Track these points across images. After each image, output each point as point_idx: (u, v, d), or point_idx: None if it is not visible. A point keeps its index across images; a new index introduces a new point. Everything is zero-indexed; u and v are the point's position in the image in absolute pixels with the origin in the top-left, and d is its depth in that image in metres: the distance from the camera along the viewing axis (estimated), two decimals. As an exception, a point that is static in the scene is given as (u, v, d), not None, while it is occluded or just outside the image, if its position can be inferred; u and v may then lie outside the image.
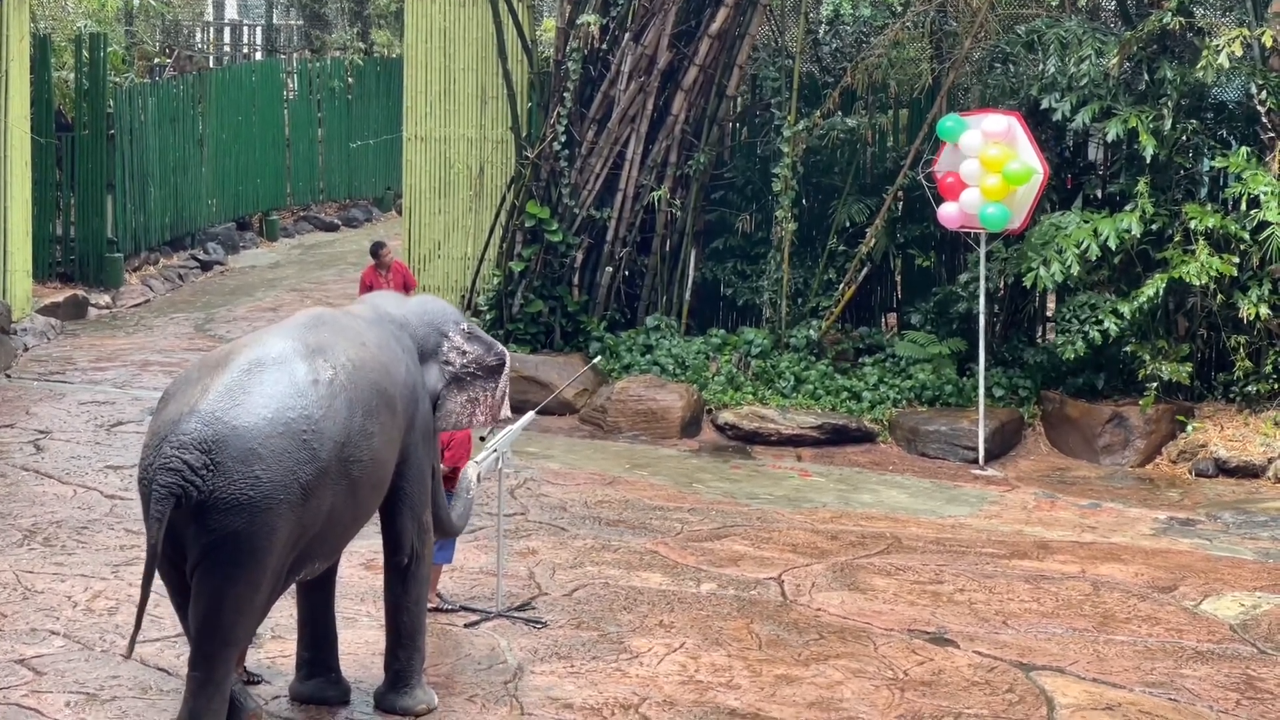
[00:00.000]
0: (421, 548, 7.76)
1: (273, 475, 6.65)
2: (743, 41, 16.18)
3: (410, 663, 7.80)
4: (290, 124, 25.92)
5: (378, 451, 7.11)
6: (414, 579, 7.77)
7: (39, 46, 19.09)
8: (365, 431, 7.02)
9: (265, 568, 6.76)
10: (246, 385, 6.81)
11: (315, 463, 6.78)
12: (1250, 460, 13.75)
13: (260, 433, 6.67)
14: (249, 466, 6.61)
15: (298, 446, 6.74)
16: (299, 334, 7.20)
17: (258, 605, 6.88)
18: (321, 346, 7.12)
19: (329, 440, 6.84)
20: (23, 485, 12.07)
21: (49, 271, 19.54)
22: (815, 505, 12.65)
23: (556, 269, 16.14)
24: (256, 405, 6.73)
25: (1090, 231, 14.14)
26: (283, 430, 6.72)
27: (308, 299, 20.54)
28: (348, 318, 7.59)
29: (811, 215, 16.78)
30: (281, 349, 7.04)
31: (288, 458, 6.70)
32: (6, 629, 8.91)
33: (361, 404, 7.05)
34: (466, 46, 17.21)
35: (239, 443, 6.63)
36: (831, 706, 8.24)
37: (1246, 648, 9.44)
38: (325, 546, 7.18)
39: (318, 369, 6.98)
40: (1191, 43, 14.64)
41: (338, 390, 6.97)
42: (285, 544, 6.81)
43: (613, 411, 14.82)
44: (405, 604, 7.76)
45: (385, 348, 7.49)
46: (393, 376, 7.38)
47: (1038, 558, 11.19)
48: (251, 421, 6.68)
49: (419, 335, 7.86)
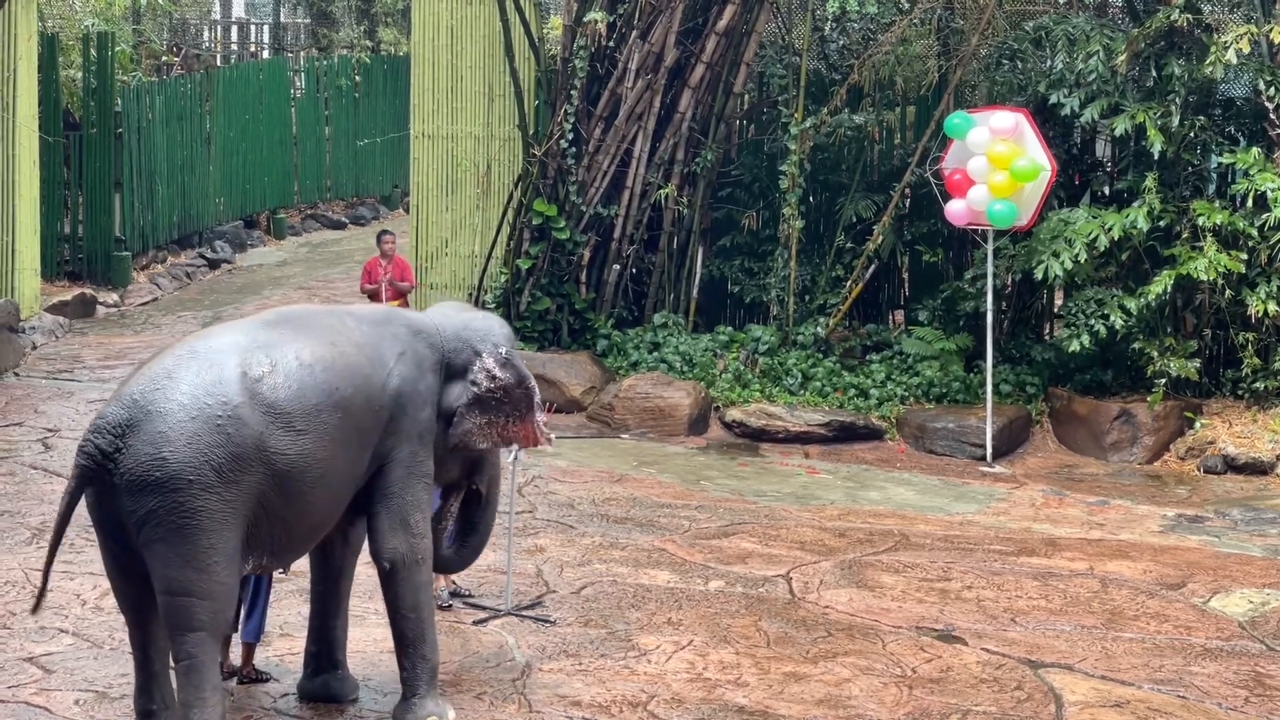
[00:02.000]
0: (412, 552, 7.58)
1: (181, 457, 6.73)
2: (749, 39, 16.18)
3: (415, 671, 7.68)
4: (297, 122, 25.93)
5: (309, 450, 7.03)
6: (408, 585, 7.61)
7: (46, 45, 19.11)
8: (293, 428, 6.99)
9: (200, 551, 6.78)
10: (173, 372, 6.93)
11: (229, 447, 6.81)
12: (1259, 457, 13.75)
13: (172, 416, 6.77)
14: (157, 449, 6.73)
15: (210, 430, 6.79)
16: (250, 329, 7.25)
17: (211, 588, 6.85)
18: (269, 342, 7.14)
19: (247, 428, 6.86)
20: (31, 483, 12.09)
21: (57, 270, 19.57)
22: (823, 502, 12.65)
23: (564, 266, 16.15)
24: (174, 391, 6.84)
25: (1099, 225, 14.14)
26: (195, 415, 6.79)
27: (315, 297, 20.57)
28: (331, 317, 7.54)
29: (819, 212, 16.79)
30: (223, 341, 7.12)
31: (199, 441, 6.77)
32: (15, 627, 8.93)
33: (295, 400, 7.02)
34: (473, 44, 17.21)
35: (150, 426, 6.76)
36: (839, 704, 8.24)
37: (1255, 645, 9.43)
38: (273, 538, 7.12)
39: (251, 362, 7.02)
40: (1199, 39, 14.62)
41: (266, 385, 6.97)
42: (220, 527, 6.80)
43: (620, 409, 14.82)
44: (401, 611, 7.65)
45: (365, 349, 7.40)
46: (362, 378, 7.30)
47: (1046, 555, 11.19)
48: (166, 406, 6.80)
49: (449, 348, 7.76)
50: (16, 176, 17.36)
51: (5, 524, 10.98)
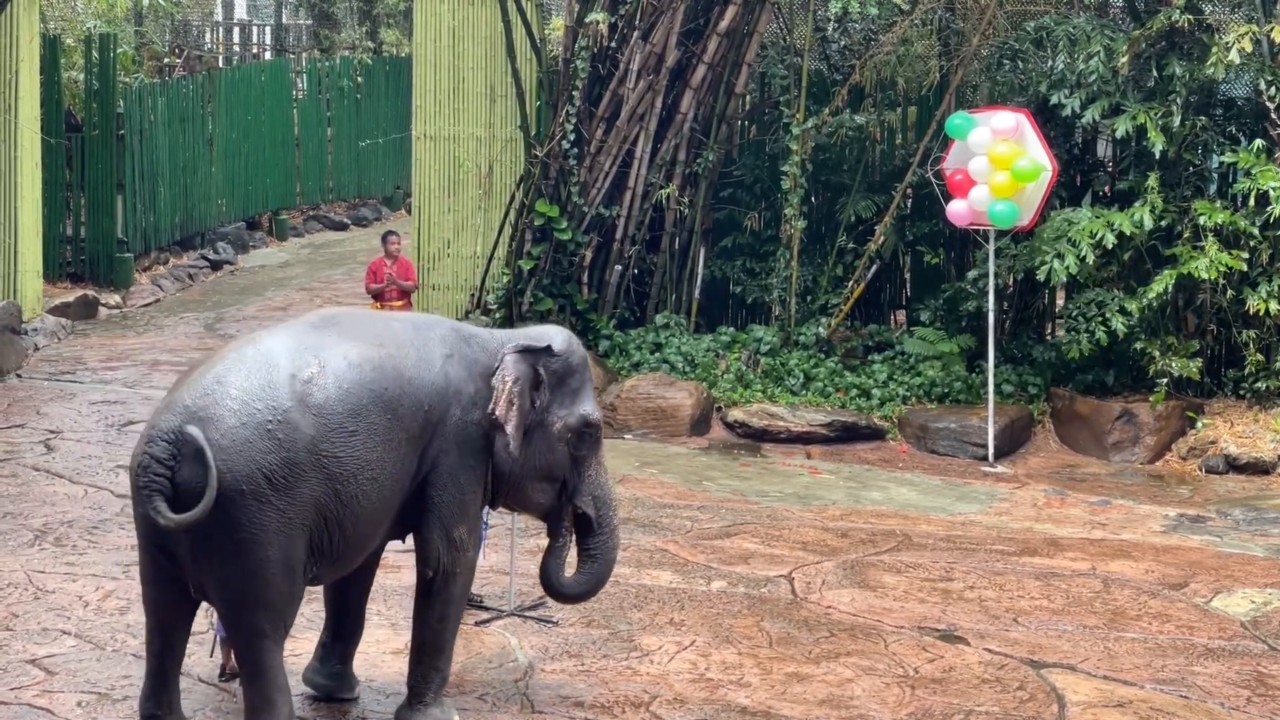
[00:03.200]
0: (452, 565, 7.53)
1: (232, 466, 6.68)
2: (751, 39, 16.18)
3: (426, 680, 7.64)
4: (299, 123, 25.94)
5: (360, 451, 7.00)
6: (440, 596, 7.57)
7: (48, 47, 19.12)
8: (344, 429, 6.95)
9: (257, 560, 6.75)
10: (223, 378, 6.88)
11: (280, 453, 6.77)
12: (1260, 457, 13.74)
13: (224, 424, 6.73)
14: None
15: (260, 437, 6.74)
16: (298, 331, 7.20)
17: (272, 598, 6.84)
18: (317, 344, 7.10)
19: (299, 433, 6.83)
20: (34, 485, 12.10)
21: (59, 272, 19.58)
22: (825, 503, 12.66)
23: (565, 267, 16.15)
24: (225, 397, 6.80)
25: (1104, 224, 14.14)
26: (246, 421, 6.74)
27: (317, 298, 20.58)
28: (379, 320, 7.55)
29: (820, 213, 16.79)
30: (271, 344, 7.07)
31: (249, 448, 6.72)
32: (18, 629, 8.93)
33: (345, 401, 6.98)
34: (475, 45, 17.22)
35: (203, 434, 6.70)
36: (842, 704, 8.24)
37: (1257, 644, 9.43)
38: (333, 545, 7.09)
39: (300, 364, 6.97)
40: (1200, 39, 14.62)
41: (315, 387, 6.93)
42: (276, 536, 6.77)
43: (622, 409, 14.83)
44: (428, 620, 7.61)
45: (414, 349, 7.35)
46: (408, 379, 7.25)
47: (1048, 555, 11.19)
48: (218, 413, 6.75)
49: (501, 354, 7.62)
50: (19, 178, 17.37)
51: (7, 526, 10.98)
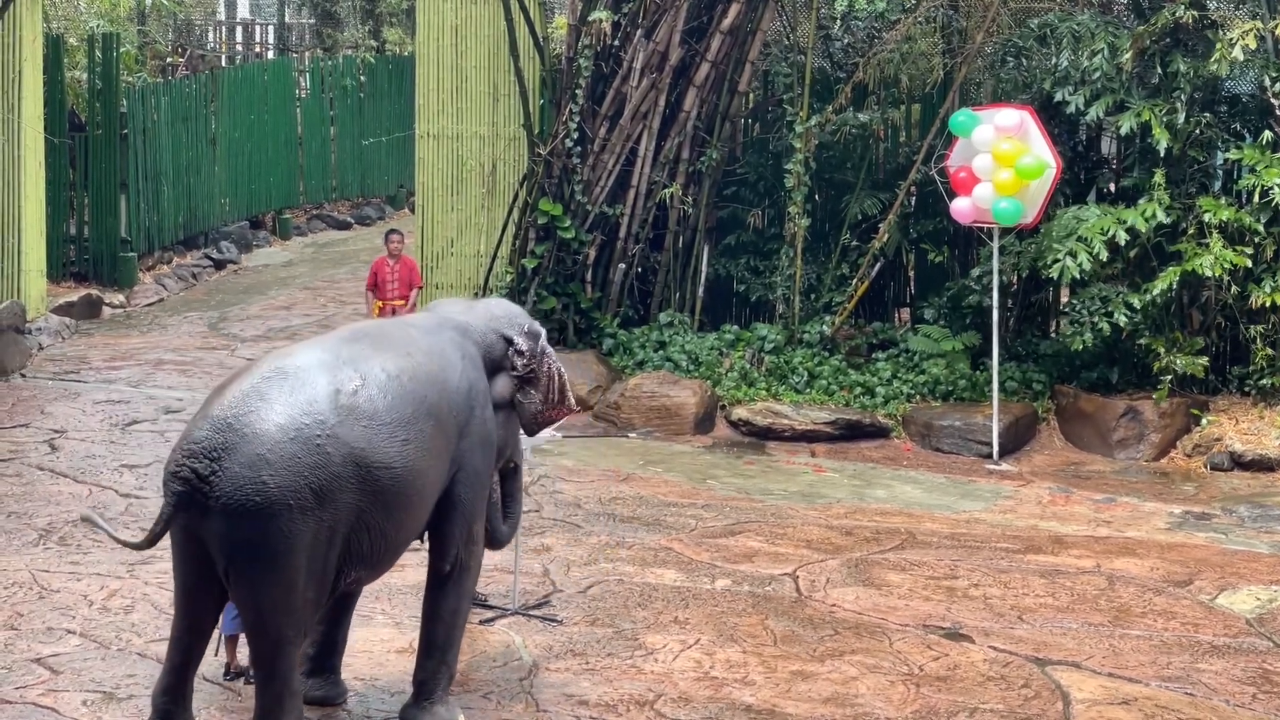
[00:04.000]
0: (468, 558, 7.63)
1: (281, 480, 6.63)
2: (754, 37, 16.18)
3: (436, 675, 7.66)
4: (303, 122, 25.94)
5: (412, 459, 7.03)
6: (454, 589, 7.64)
7: (52, 47, 19.13)
8: (395, 439, 6.97)
9: (292, 570, 6.74)
10: (264, 392, 6.82)
11: (328, 468, 6.74)
12: (1265, 454, 13.73)
13: (270, 438, 6.67)
14: (256, 472, 6.61)
15: (309, 452, 6.70)
16: (332, 345, 7.20)
17: (298, 605, 6.84)
18: (353, 357, 7.09)
19: (346, 446, 6.81)
20: (38, 484, 12.10)
21: (63, 271, 19.60)
22: (829, 501, 12.65)
23: (569, 266, 16.15)
24: (269, 412, 6.74)
25: (1115, 220, 14.12)
26: (294, 436, 6.70)
27: (321, 297, 20.61)
28: (399, 328, 7.57)
29: (824, 211, 16.79)
30: (308, 359, 7.04)
31: (297, 463, 6.67)
32: (23, 628, 8.93)
33: (392, 412, 7.00)
34: (478, 44, 17.22)
35: (247, 449, 6.64)
36: (846, 702, 8.24)
37: (1262, 641, 9.42)
38: (367, 553, 7.09)
39: (341, 378, 6.96)
40: (1204, 36, 14.61)
41: (362, 399, 6.93)
42: (313, 546, 6.77)
43: (626, 408, 14.83)
44: (441, 613, 7.65)
45: (437, 355, 7.42)
46: (442, 384, 7.32)
47: (1052, 552, 11.18)
48: (262, 428, 6.69)
49: (486, 342, 7.78)
50: (22, 178, 17.38)
51: (12, 525, 10.99)
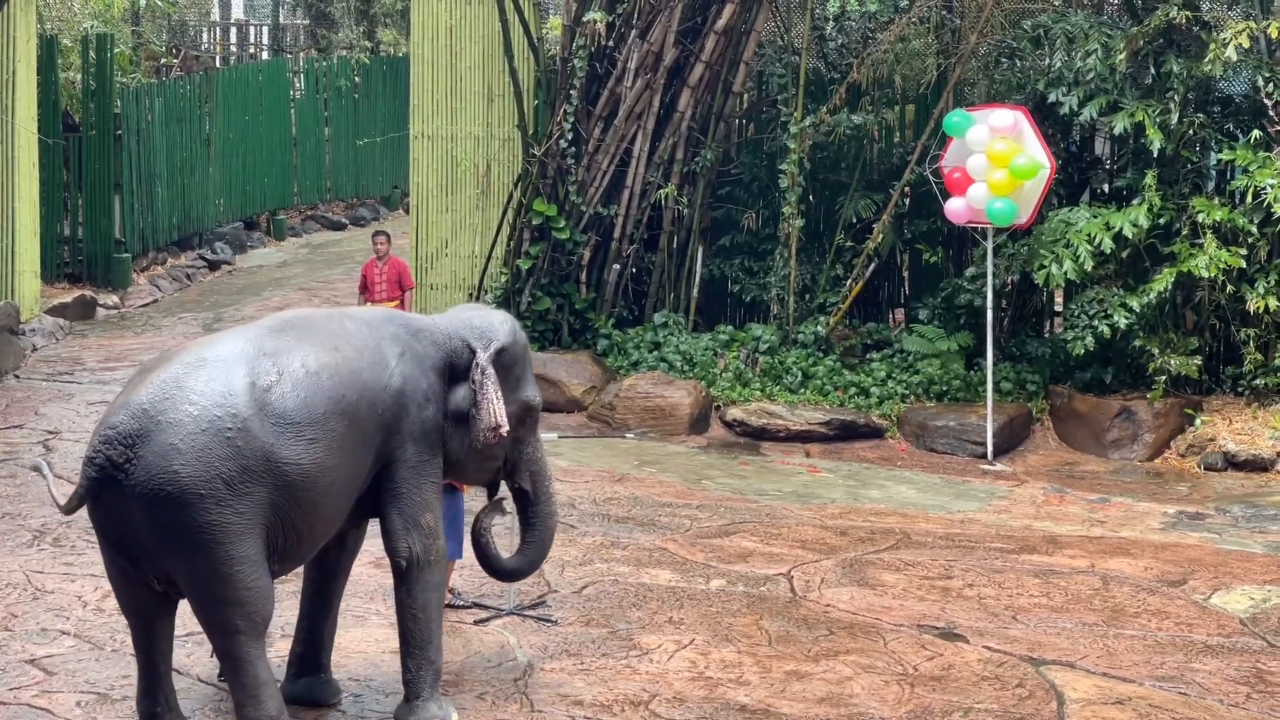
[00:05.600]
0: (425, 553, 7.56)
1: (191, 470, 6.70)
2: (748, 38, 16.18)
3: (420, 673, 7.64)
4: (297, 123, 25.95)
5: (320, 458, 7.02)
6: (417, 584, 7.58)
7: (45, 47, 19.12)
8: (302, 437, 6.97)
9: (220, 558, 6.76)
10: (182, 381, 6.88)
11: (239, 460, 6.79)
12: (1259, 454, 13.75)
13: (183, 429, 6.74)
14: (168, 461, 6.69)
15: (221, 444, 6.76)
16: (257, 336, 7.20)
17: (240, 594, 6.84)
18: (275, 350, 7.10)
19: (256, 440, 6.84)
20: (32, 486, 12.09)
21: (57, 272, 19.59)
22: (824, 501, 12.66)
23: (564, 266, 16.15)
24: (184, 402, 6.80)
25: (1101, 225, 14.13)
26: (206, 427, 6.76)
27: (315, 298, 20.59)
28: (332, 321, 7.50)
29: (818, 211, 16.80)
30: (229, 349, 7.07)
31: (209, 454, 6.73)
32: (17, 629, 8.93)
33: (303, 411, 6.99)
34: (473, 44, 17.21)
35: (161, 437, 6.72)
36: (841, 702, 8.24)
37: (1256, 641, 9.43)
38: (287, 544, 7.10)
39: (259, 371, 6.98)
40: (1198, 36, 14.63)
41: (274, 396, 6.95)
42: (239, 536, 6.78)
43: (621, 408, 14.83)
44: (409, 609, 7.62)
45: (368, 350, 7.38)
46: (363, 383, 7.27)
47: (1047, 552, 11.19)
48: (176, 417, 6.76)
49: (451, 348, 7.70)
50: (16, 178, 17.37)
51: (6, 526, 10.99)
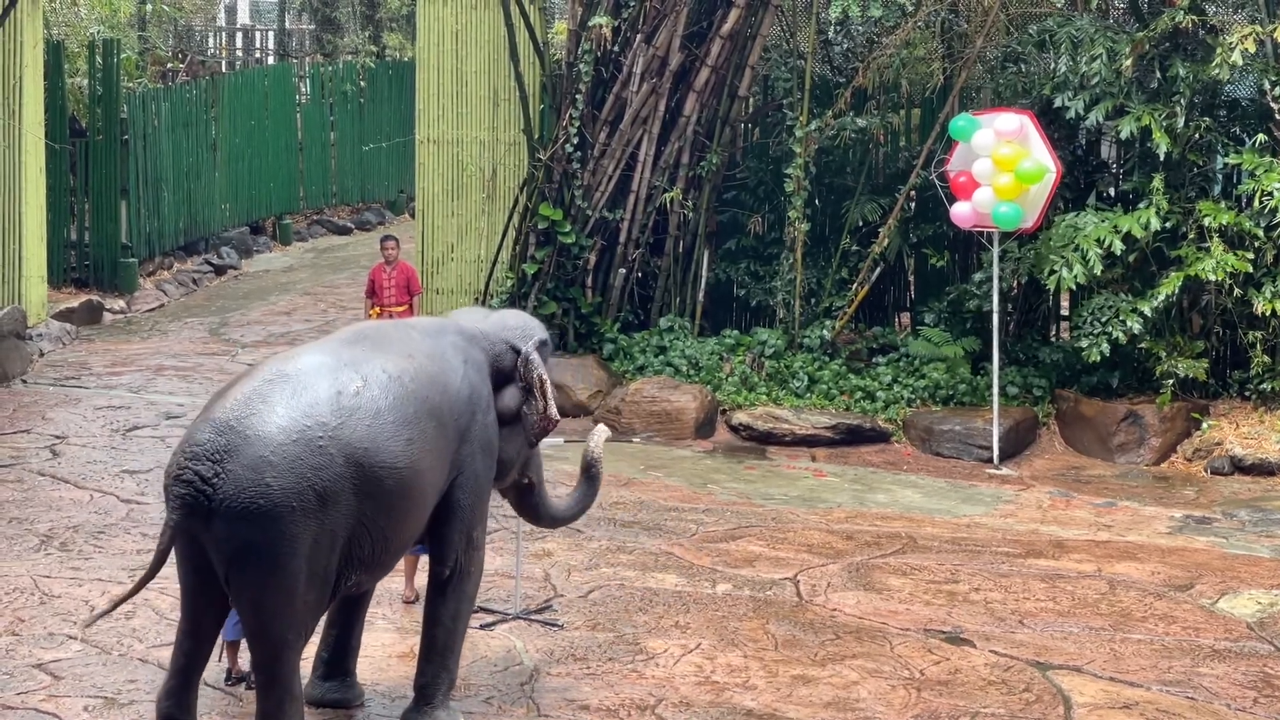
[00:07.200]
0: (468, 563, 7.64)
1: (284, 483, 6.64)
2: (754, 42, 16.19)
3: (436, 680, 7.67)
4: (303, 128, 25.95)
5: (416, 459, 7.06)
6: (455, 593, 7.66)
7: (52, 53, 19.14)
8: (399, 438, 6.99)
9: (293, 573, 6.74)
10: (266, 395, 6.84)
11: (331, 469, 6.75)
12: (1266, 458, 13.73)
13: (273, 440, 6.68)
14: (259, 474, 6.62)
15: (312, 453, 6.71)
16: (333, 348, 7.22)
17: (299, 609, 6.84)
18: (354, 360, 7.12)
19: (349, 448, 6.82)
20: (39, 490, 12.10)
21: (64, 277, 19.61)
22: (830, 505, 12.65)
23: (569, 270, 16.16)
24: (271, 414, 6.75)
25: (1110, 228, 14.12)
26: (296, 438, 6.71)
27: (321, 302, 20.61)
28: (399, 330, 7.59)
29: (824, 215, 16.80)
30: (309, 362, 7.06)
31: (301, 464, 6.68)
32: (24, 634, 8.93)
33: (395, 411, 7.02)
34: (478, 49, 17.23)
35: (250, 451, 6.65)
36: (848, 706, 8.24)
37: (1264, 645, 9.42)
38: (368, 556, 7.09)
39: (343, 380, 6.98)
40: (1204, 40, 14.62)
41: (364, 400, 6.95)
42: (314, 549, 6.77)
43: (627, 413, 14.83)
44: (441, 618, 7.66)
45: (438, 357, 7.46)
46: (442, 387, 7.34)
47: (1053, 556, 11.19)
48: (264, 430, 6.70)
49: (495, 351, 7.81)
50: (23, 183, 17.38)
51: (13, 531, 10.99)
